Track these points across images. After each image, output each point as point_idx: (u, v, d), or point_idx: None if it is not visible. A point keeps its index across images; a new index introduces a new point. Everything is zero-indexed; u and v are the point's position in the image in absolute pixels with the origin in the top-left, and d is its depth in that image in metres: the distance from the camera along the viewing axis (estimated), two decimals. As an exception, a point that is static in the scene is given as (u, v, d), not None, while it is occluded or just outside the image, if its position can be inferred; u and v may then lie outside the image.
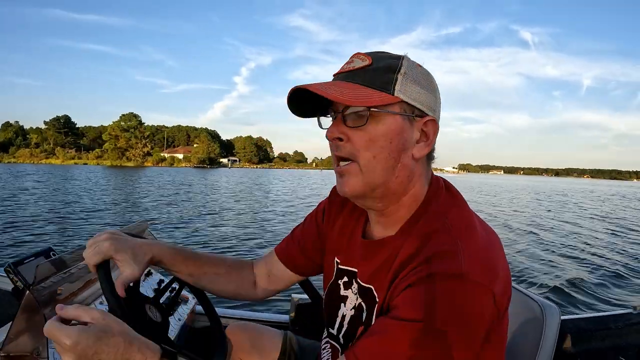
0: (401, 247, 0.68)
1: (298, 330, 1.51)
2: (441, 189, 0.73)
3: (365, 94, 0.64)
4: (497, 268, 0.62)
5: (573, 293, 5.74)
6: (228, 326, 1.10)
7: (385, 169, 0.67)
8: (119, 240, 0.79)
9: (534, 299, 1.05)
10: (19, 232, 8.91)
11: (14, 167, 57.36)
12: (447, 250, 0.60)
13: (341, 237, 0.85)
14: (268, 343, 1.07)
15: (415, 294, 0.59)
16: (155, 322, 0.90)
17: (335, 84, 0.66)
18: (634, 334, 1.43)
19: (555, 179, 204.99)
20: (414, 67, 0.68)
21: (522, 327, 1.06)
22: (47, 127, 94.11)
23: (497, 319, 0.63)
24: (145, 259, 0.81)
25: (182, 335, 1.25)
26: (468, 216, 0.68)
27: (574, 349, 1.35)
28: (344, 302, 0.80)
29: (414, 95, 0.66)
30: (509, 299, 0.67)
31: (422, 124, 0.68)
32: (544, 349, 0.99)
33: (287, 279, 0.97)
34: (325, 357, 0.91)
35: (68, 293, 1.09)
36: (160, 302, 0.96)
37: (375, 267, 0.72)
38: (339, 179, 0.71)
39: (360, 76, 0.66)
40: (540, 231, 11.90)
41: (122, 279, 0.76)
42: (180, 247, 0.93)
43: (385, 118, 0.65)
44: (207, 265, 0.93)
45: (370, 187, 0.68)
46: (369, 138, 0.65)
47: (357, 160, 0.67)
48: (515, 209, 18.84)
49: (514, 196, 29.84)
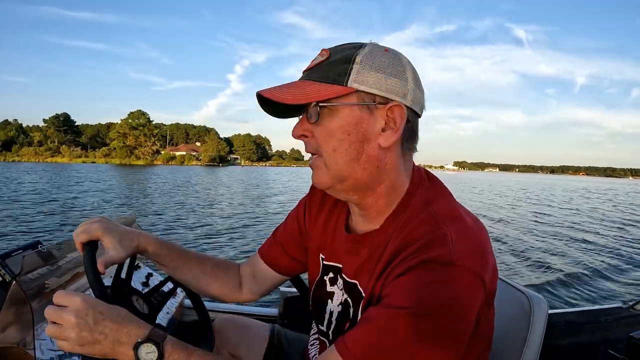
0: (387, 240, 0.68)
1: (287, 324, 1.51)
2: (423, 180, 0.72)
3: (315, 89, 0.64)
4: (486, 255, 0.63)
5: (563, 288, 5.79)
6: (215, 319, 1.10)
7: (348, 161, 0.66)
8: (109, 224, 0.82)
9: (522, 291, 1.06)
10: (14, 227, 8.91)
11: (21, 165, 56.65)
12: (435, 238, 0.60)
13: (324, 233, 0.84)
14: (255, 337, 1.07)
15: (406, 283, 0.59)
16: (141, 313, 0.89)
17: (291, 84, 0.68)
18: (624, 328, 1.44)
19: (552, 176, 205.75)
20: (375, 53, 0.66)
21: (509, 319, 1.06)
22: (46, 125, 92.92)
23: (486, 305, 0.64)
24: (132, 245, 0.83)
25: (170, 328, 1.25)
26: (453, 205, 0.68)
27: (563, 342, 1.36)
28: (331, 299, 0.80)
29: (373, 82, 0.64)
30: (495, 287, 0.67)
31: (386, 110, 0.65)
32: (531, 342, 0.99)
33: (271, 280, 0.96)
34: (313, 353, 0.91)
35: (56, 285, 1.09)
36: (150, 298, 0.96)
37: (360, 262, 0.72)
38: (312, 172, 0.72)
39: (317, 72, 0.66)
40: (545, 227, 11.96)
41: (104, 257, 0.78)
42: (167, 241, 0.92)
43: (340, 110, 0.65)
44: (193, 262, 0.92)
45: (337, 179, 0.68)
46: (326, 132, 0.66)
47: (321, 154, 0.68)
48: (529, 204, 18.83)
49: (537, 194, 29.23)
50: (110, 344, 0.64)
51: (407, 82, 0.67)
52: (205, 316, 1.03)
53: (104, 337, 0.64)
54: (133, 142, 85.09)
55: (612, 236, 10.97)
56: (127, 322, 0.66)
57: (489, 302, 0.64)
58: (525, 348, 0.99)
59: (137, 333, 0.64)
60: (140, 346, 0.63)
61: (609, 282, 6.32)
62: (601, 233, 11.41)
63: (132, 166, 68.43)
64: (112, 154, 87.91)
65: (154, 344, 0.63)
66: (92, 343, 0.64)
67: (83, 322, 0.63)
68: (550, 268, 6.90)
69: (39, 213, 11.60)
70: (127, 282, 0.93)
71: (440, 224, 0.62)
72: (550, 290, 5.64)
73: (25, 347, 0.97)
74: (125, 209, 13.27)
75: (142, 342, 0.63)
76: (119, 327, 0.65)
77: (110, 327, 0.64)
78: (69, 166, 58.02)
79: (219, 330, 1.07)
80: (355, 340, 0.61)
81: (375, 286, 0.66)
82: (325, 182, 0.70)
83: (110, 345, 0.64)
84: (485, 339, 0.71)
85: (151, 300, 0.96)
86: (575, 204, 22.86)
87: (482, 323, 0.65)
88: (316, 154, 0.69)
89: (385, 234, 0.69)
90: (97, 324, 0.64)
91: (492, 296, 0.66)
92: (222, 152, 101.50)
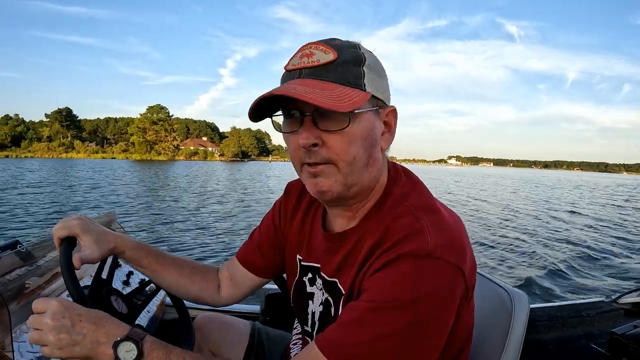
0: (365, 236, 0.67)
1: (268, 321, 1.51)
2: (400, 175, 0.72)
3: (344, 94, 0.59)
4: (464, 247, 0.63)
5: (547, 283, 5.81)
6: (197, 317, 1.09)
7: (362, 168, 0.65)
8: (88, 223, 0.83)
9: (502, 287, 1.06)
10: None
11: (42, 162, 55.20)
12: (412, 231, 0.60)
13: (301, 234, 0.84)
14: (236, 334, 1.07)
15: (384, 277, 0.59)
16: (119, 312, 0.89)
17: (307, 83, 0.60)
18: (606, 322, 1.46)
19: (548, 171, 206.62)
20: (371, 55, 0.65)
21: (490, 315, 1.07)
22: (49, 120, 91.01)
23: (466, 297, 0.64)
24: (108, 246, 0.84)
25: (151, 327, 1.24)
26: (429, 199, 0.68)
27: (545, 336, 1.38)
28: (312, 299, 0.79)
29: (377, 86, 0.64)
30: (475, 279, 0.67)
31: (385, 114, 0.66)
32: (512, 337, 1.00)
33: (250, 282, 0.95)
34: (295, 352, 0.91)
35: (35, 286, 1.07)
36: (132, 299, 0.95)
37: (339, 260, 0.72)
38: (310, 179, 0.65)
39: (332, 72, 0.61)
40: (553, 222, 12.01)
41: (80, 254, 0.78)
42: (145, 244, 0.92)
43: (362, 116, 0.62)
44: (170, 264, 0.92)
45: (347, 188, 0.66)
46: (348, 140, 0.61)
47: (336, 164, 0.63)
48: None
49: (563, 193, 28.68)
50: (90, 345, 0.64)
51: (388, 83, 0.68)
52: (185, 314, 1.03)
53: (83, 338, 0.64)
54: (154, 137, 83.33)
55: (599, 232, 11.05)
56: (105, 322, 0.66)
57: (468, 294, 0.64)
58: (506, 344, 1.00)
59: (115, 332, 0.64)
60: (119, 345, 0.63)
61: (594, 276, 6.37)
62: (586, 229, 11.47)
63: (154, 162, 67.19)
64: (130, 150, 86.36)
65: (133, 342, 0.63)
66: (71, 345, 0.64)
67: (60, 325, 0.63)
68: (533, 265, 6.94)
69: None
70: (107, 282, 0.93)
71: (417, 217, 0.62)
72: (534, 285, 5.66)
73: (4, 349, 0.96)
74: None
75: (121, 340, 0.63)
76: (96, 327, 0.65)
77: (88, 328, 0.64)
78: (90, 162, 56.75)
79: (200, 328, 1.07)
80: (335, 335, 0.60)
81: (354, 282, 0.66)
82: (336, 192, 0.65)
83: (90, 345, 0.64)
84: (466, 332, 0.71)
85: (133, 300, 0.96)
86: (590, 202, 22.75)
87: (463, 315, 0.65)
88: (327, 163, 0.63)
89: (363, 230, 0.69)
90: (75, 325, 0.64)
91: (472, 288, 0.66)
92: (250, 148, 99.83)
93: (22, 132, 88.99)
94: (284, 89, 0.59)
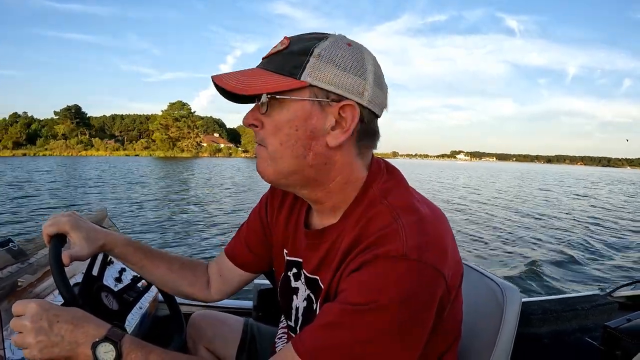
0: (343, 234, 0.67)
1: (261, 316, 1.51)
2: (382, 172, 0.71)
3: (266, 80, 0.62)
4: (444, 246, 0.62)
5: (541, 276, 5.80)
6: (193, 314, 1.10)
7: (293, 157, 0.64)
8: (78, 220, 0.83)
9: (494, 280, 1.06)
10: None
11: (64, 160, 54.22)
12: (389, 232, 0.59)
13: (286, 229, 0.83)
14: (229, 331, 1.08)
15: (360, 278, 0.58)
16: (110, 309, 0.89)
17: (246, 72, 0.65)
18: (600, 315, 1.46)
19: (553, 166, 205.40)
20: (336, 47, 0.63)
21: (481, 309, 1.07)
22: (58, 117, 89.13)
23: (448, 295, 0.63)
24: (98, 243, 0.84)
25: (143, 323, 1.25)
26: (409, 196, 0.67)
27: (540, 330, 1.37)
28: (296, 294, 0.79)
29: (329, 78, 0.61)
30: (461, 276, 0.67)
31: (339, 109, 0.62)
32: (504, 331, 1.00)
33: (238, 278, 0.95)
34: (279, 347, 0.91)
35: (27, 284, 1.08)
36: (123, 295, 0.96)
37: (320, 257, 0.71)
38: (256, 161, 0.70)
39: (273, 62, 0.64)
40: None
41: (69, 252, 0.79)
42: (135, 241, 0.92)
43: (290, 104, 0.62)
44: (159, 261, 0.92)
45: (282, 174, 0.67)
46: (274, 125, 0.64)
47: (266, 146, 0.66)
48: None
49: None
50: (68, 346, 0.63)
51: (367, 80, 0.63)
52: (176, 310, 1.04)
53: (61, 339, 0.63)
54: (177, 133, 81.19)
55: (594, 225, 11.00)
56: (83, 322, 0.65)
57: (451, 294, 0.63)
58: (498, 338, 0.99)
59: (94, 333, 0.64)
60: (97, 346, 0.63)
61: (588, 269, 6.37)
62: (580, 223, 11.40)
63: (178, 159, 66.18)
64: (152, 147, 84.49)
65: (112, 343, 0.63)
66: (50, 346, 0.63)
67: (38, 327, 0.63)
68: (527, 257, 6.94)
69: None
70: (98, 278, 0.93)
71: (394, 217, 0.61)
72: (528, 278, 5.65)
73: (-5, 347, 0.96)
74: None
75: (100, 341, 0.63)
76: (74, 327, 0.64)
77: (66, 329, 0.64)
78: (115, 160, 55.67)
79: (195, 325, 1.08)
80: (310, 337, 0.60)
81: (332, 281, 0.66)
82: (268, 175, 0.68)
83: (68, 347, 0.63)
84: (452, 330, 0.71)
85: (124, 297, 0.96)
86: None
87: (447, 315, 0.65)
88: (261, 145, 0.67)
89: (342, 228, 0.68)
90: (52, 326, 0.64)
91: (455, 288, 0.65)
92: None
93: (37, 130, 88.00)
94: (213, 75, 0.65)
